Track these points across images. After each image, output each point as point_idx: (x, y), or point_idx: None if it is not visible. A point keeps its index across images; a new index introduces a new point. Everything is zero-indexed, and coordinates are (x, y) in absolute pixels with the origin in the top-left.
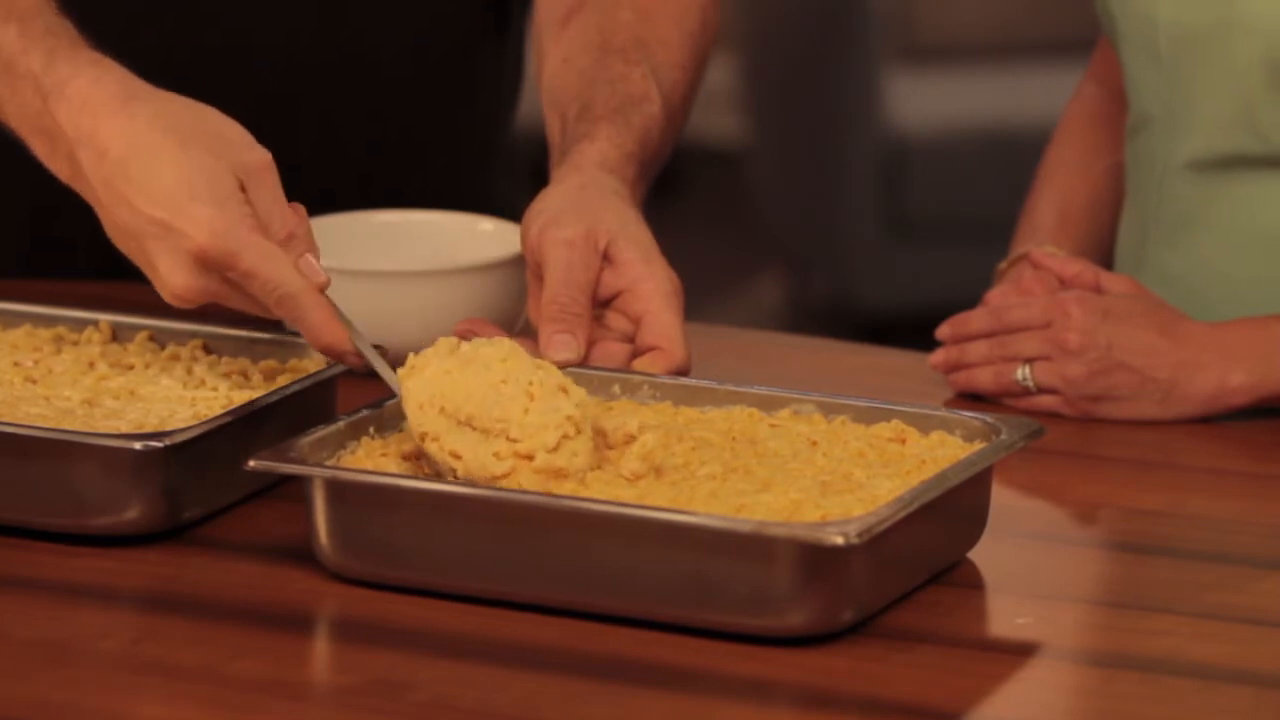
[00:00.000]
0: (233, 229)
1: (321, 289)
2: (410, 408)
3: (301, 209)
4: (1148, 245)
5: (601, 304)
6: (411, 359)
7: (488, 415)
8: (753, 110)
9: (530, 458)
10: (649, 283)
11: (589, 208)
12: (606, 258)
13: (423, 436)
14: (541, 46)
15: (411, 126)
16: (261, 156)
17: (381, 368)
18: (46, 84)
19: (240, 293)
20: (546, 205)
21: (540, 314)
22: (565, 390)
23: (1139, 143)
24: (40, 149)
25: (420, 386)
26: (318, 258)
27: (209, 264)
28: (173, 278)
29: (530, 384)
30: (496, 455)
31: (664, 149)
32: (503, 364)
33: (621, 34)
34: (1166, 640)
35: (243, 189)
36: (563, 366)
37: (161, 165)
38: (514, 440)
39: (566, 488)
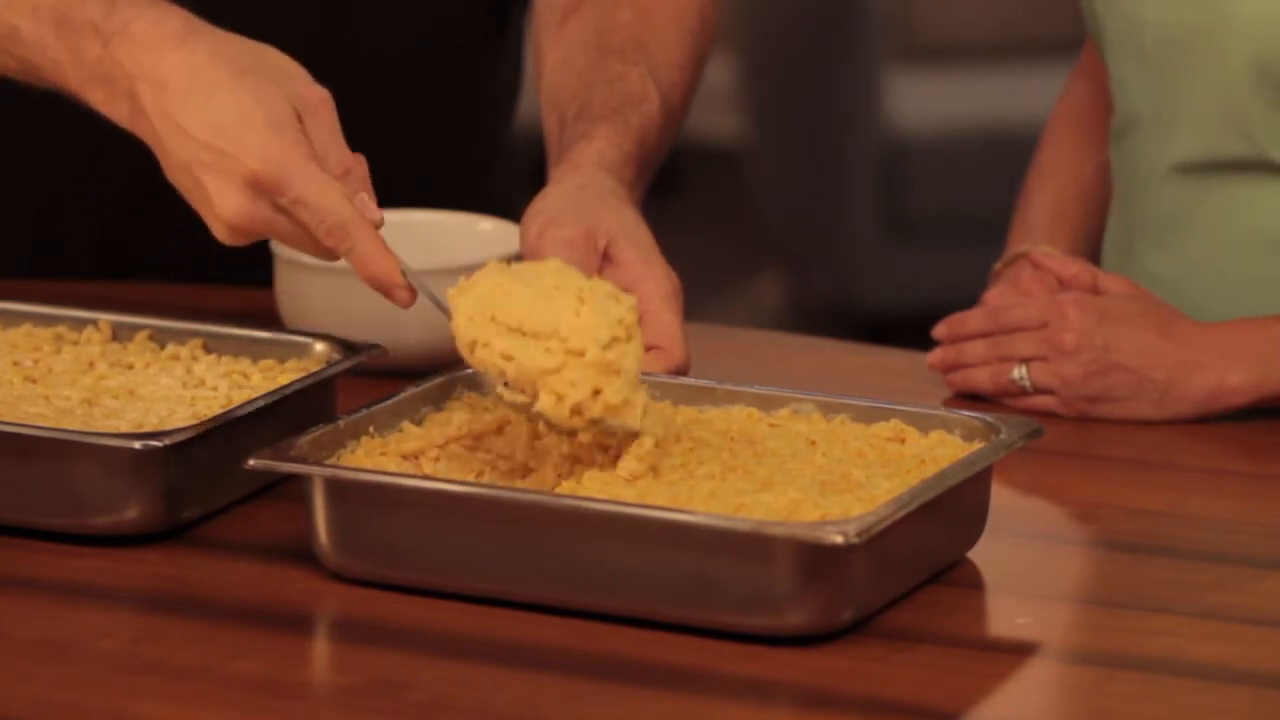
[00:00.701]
0: (286, 154)
1: (376, 226)
2: (459, 321)
3: (362, 157)
4: (1134, 247)
5: None
6: (463, 281)
7: (539, 319)
8: (752, 110)
9: (582, 353)
10: (649, 283)
11: (588, 208)
12: (606, 257)
13: (471, 346)
14: (540, 47)
15: (412, 127)
16: (320, 92)
17: (433, 295)
18: (108, 29)
19: (291, 223)
20: (546, 205)
21: None
22: (617, 299)
23: (1125, 145)
24: (98, 96)
25: (470, 303)
26: (374, 201)
27: (261, 188)
28: (224, 204)
29: (581, 290)
30: (547, 350)
31: (662, 148)
32: (554, 275)
33: (620, 34)
34: (1166, 640)
35: (300, 121)
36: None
37: (219, 95)
38: (565, 339)
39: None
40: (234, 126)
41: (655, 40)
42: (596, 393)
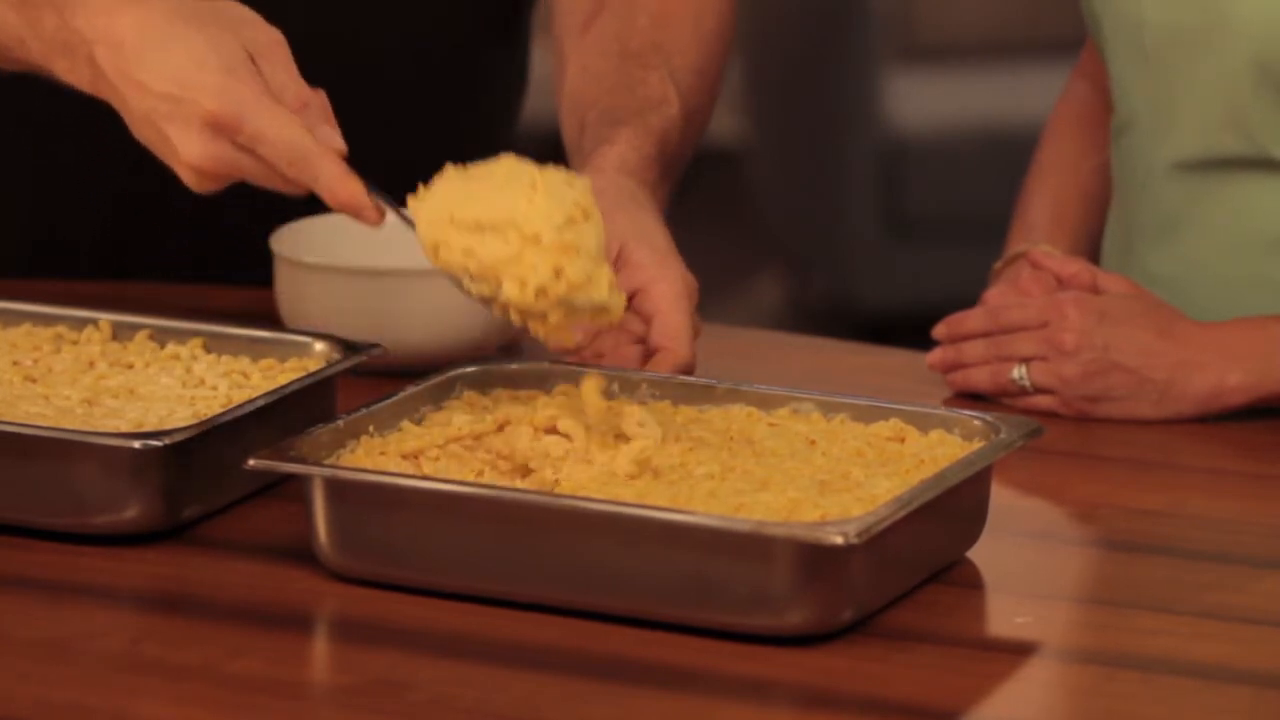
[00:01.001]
0: (241, 93)
1: (340, 154)
2: (421, 227)
3: (322, 91)
4: (1133, 246)
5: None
6: (421, 188)
7: (494, 212)
8: (753, 110)
9: (538, 238)
10: (661, 283)
11: (604, 213)
12: (620, 260)
13: (435, 249)
14: (562, 54)
15: (414, 128)
16: (274, 34)
17: (399, 211)
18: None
19: (255, 160)
20: None
21: None
22: (570, 183)
23: (1124, 144)
24: (61, 66)
25: (429, 208)
26: (338, 132)
27: (220, 129)
28: (187, 149)
29: (534, 179)
30: (505, 240)
31: (685, 150)
32: (507, 169)
33: (638, 39)
34: (1165, 640)
35: (254, 63)
36: (563, 354)
37: (172, 46)
38: (520, 226)
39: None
40: (188, 73)
41: (673, 44)
42: (559, 274)
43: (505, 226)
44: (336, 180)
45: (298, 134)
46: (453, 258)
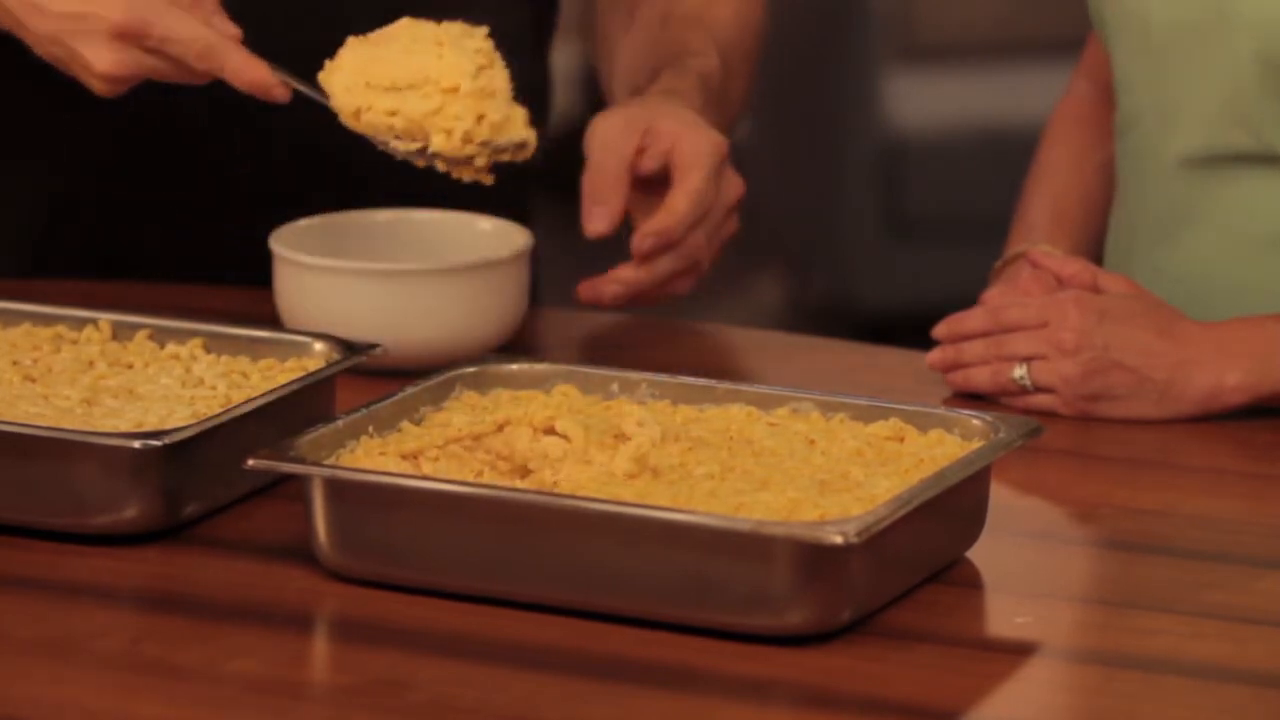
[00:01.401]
0: (143, 0)
1: (236, 39)
2: (338, 97)
3: None
4: (1137, 242)
5: (653, 179)
6: (328, 63)
7: (409, 72)
8: (752, 109)
9: (456, 89)
10: (684, 140)
11: (633, 105)
12: (650, 134)
13: (356, 114)
14: (610, 39)
15: None
16: None
17: (305, 86)
18: None
19: (163, 59)
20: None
21: (583, 190)
22: (469, 34)
23: (1129, 141)
24: None
25: (342, 78)
26: (226, 18)
27: (128, 37)
28: (98, 61)
29: (437, 35)
30: (425, 95)
31: (727, 100)
32: (407, 32)
33: (681, 9)
34: (1165, 639)
35: None
36: (596, 238)
37: None
38: (437, 81)
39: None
40: None
41: (715, 22)
42: (480, 119)
43: (423, 83)
44: (243, 65)
45: (201, 29)
46: (377, 119)
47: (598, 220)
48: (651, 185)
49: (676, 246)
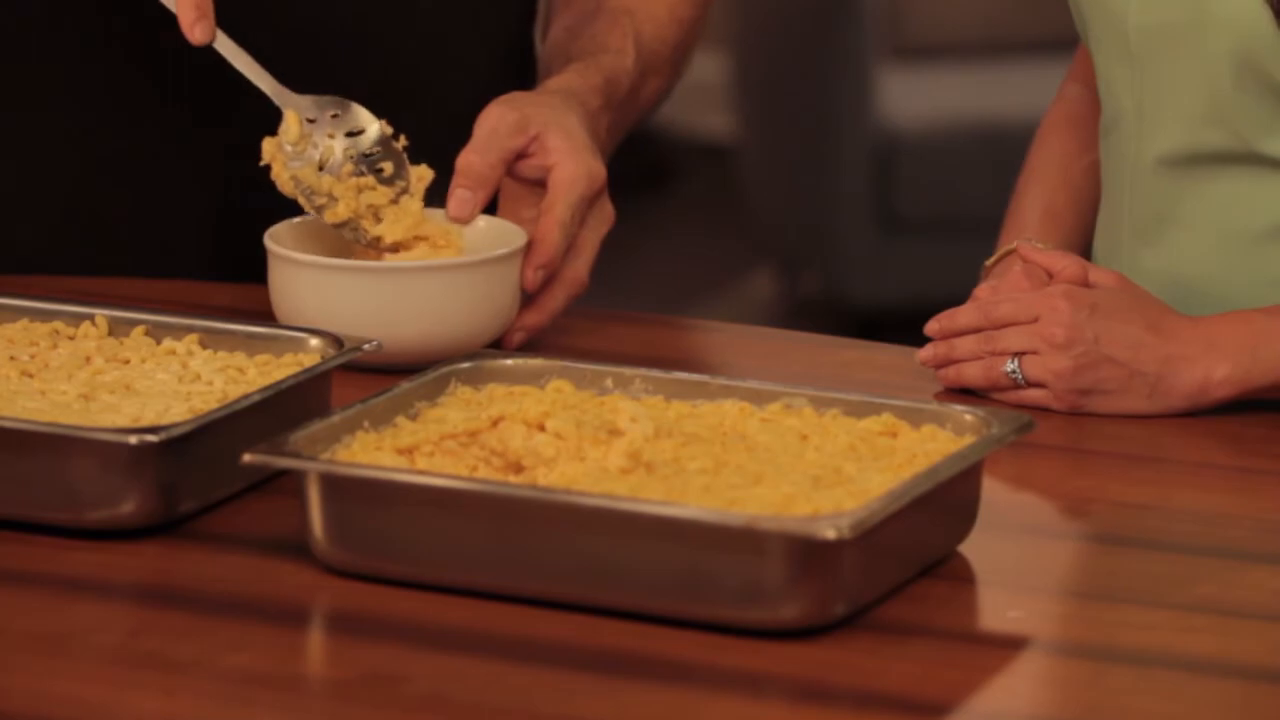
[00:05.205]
0: None
1: None
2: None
3: None
4: (1122, 243)
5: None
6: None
7: None
8: (744, 107)
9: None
10: (563, 168)
11: (534, 100)
12: (538, 142)
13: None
14: (548, 20)
15: (415, 128)
16: None
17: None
18: None
19: None
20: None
21: (457, 166)
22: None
23: (1111, 141)
24: None
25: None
26: None
27: None
28: None
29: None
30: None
31: (636, 102)
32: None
33: (613, 1)
34: (1156, 633)
35: None
36: (456, 222)
37: None
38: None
39: None
40: None
41: (645, 13)
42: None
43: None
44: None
45: None
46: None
47: (462, 206)
48: (527, 181)
49: (560, 274)
